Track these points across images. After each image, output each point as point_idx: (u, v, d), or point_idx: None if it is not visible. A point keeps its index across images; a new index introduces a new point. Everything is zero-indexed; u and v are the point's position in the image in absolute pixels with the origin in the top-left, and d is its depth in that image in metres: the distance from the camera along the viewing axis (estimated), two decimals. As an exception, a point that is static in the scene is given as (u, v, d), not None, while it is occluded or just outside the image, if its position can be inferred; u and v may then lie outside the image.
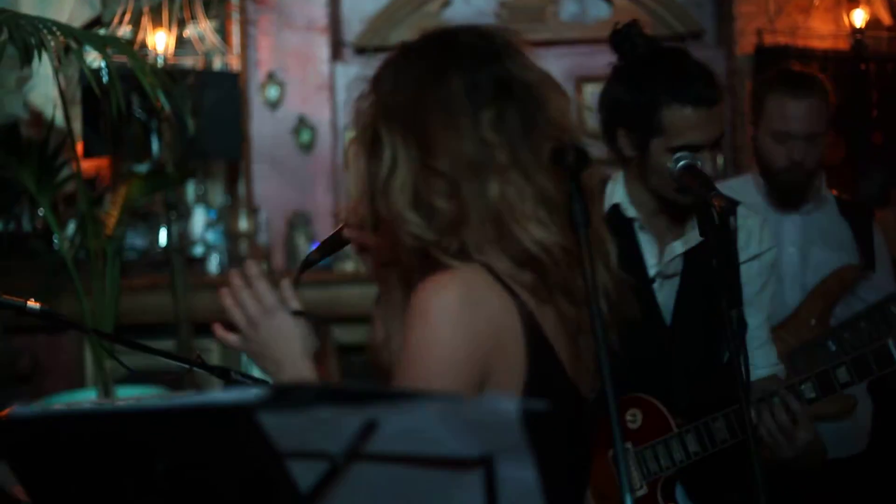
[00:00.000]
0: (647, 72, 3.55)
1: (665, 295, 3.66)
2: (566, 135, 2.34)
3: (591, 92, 8.09)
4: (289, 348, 2.41)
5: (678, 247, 3.61)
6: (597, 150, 2.61)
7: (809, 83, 4.47)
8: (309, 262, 2.78)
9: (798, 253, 4.52)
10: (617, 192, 3.69)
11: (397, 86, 2.39)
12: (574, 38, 8.12)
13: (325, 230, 2.63)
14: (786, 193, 4.49)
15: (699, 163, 3.37)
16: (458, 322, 2.27)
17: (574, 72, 8.08)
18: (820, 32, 7.39)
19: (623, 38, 3.63)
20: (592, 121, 7.99)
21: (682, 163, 3.36)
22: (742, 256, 3.64)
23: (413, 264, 2.39)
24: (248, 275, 2.45)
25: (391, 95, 2.39)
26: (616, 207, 3.67)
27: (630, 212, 3.64)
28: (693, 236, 3.58)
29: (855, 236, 4.54)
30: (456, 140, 2.32)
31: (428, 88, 2.37)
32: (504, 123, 2.35)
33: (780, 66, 4.86)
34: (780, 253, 4.35)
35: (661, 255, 3.64)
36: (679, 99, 3.45)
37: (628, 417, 3.59)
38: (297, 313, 2.42)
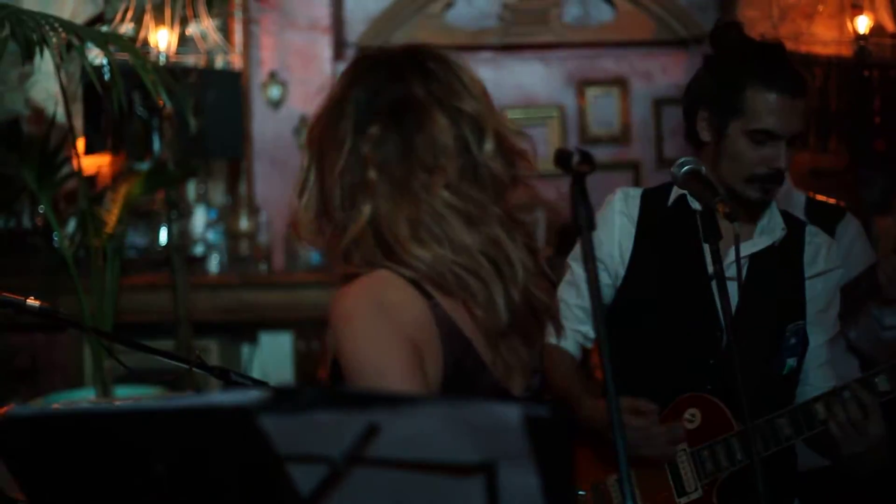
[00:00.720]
0: (737, 56, 3.56)
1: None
2: (448, 161, 2.38)
3: (594, 95, 8.09)
4: None
5: (744, 249, 3.46)
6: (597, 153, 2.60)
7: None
8: None
9: None
10: None
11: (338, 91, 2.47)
12: (577, 41, 8.12)
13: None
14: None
15: (703, 169, 3.33)
16: (378, 318, 2.31)
17: (576, 75, 8.08)
18: (823, 39, 7.38)
19: (723, 33, 3.64)
20: (594, 125, 8.12)
21: (686, 168, 3.30)
22: (808, 272, 3.62)
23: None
24: None
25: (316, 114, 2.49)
26: (683, 198, 3.60)
27: (696, 204, 3.53)
28: (761, 241, 3.55)
29: None
30: (337, 158, 2.40)
31: (331, 107, 2.45)
32: (384, 144, 2.38)
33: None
34: None
35: (724, 254, 3.56)
36: (764, 82, 3.45)
37: (687, 417, 3.50)
38: None
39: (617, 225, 3.64)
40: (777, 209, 3.63)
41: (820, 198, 4.65)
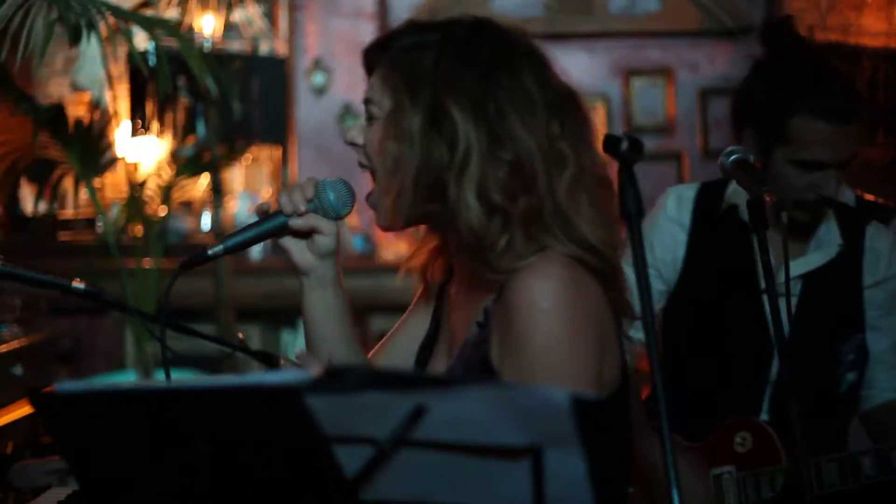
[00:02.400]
0: (787, 73, 3.38)
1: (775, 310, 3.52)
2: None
3: (639, 85, 8.06)
4: None
5: (796, 268, 3.41)
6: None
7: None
8: (207, 257, 2.54)
9: None
10: (738, 193, 3.47)
11: (463, 65, 2.34)
12: (622, 30, 8.10)
13: (369, 219, 2.54)
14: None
15: (751, 158, 3.23)
16: (578, 311, 2.25)
17: (621, 65, 8.06)
18: (872, 30, 7.32)
19: (773, 31, 3.48)
20: (639, 115, 8.08)
21: (733, 157, 3.19)
22: (868, 280, 3.52)
23: (463, 256, 2.37)
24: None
25: (456, 72, 2.33)
26: (734, 209, 3.51)
27: (746, 216, 3.37)
28: (815, 258, 3.46)
29: None
30: (529, 133, 2.30)
31: (502, 77, 2.33)
32: (566, 128, 2.35)
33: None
34: None
35: (777, 268, 3.49)
36: (813, 111, 3.27)
37: (737, 440, 3.41)
38: None
39: (668, 233, 3.57)
40: (834, 219, 3.53)
41: (869, 197, 4.59)
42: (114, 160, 6.48)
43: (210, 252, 2.50)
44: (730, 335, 3.52)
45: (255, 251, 7.80)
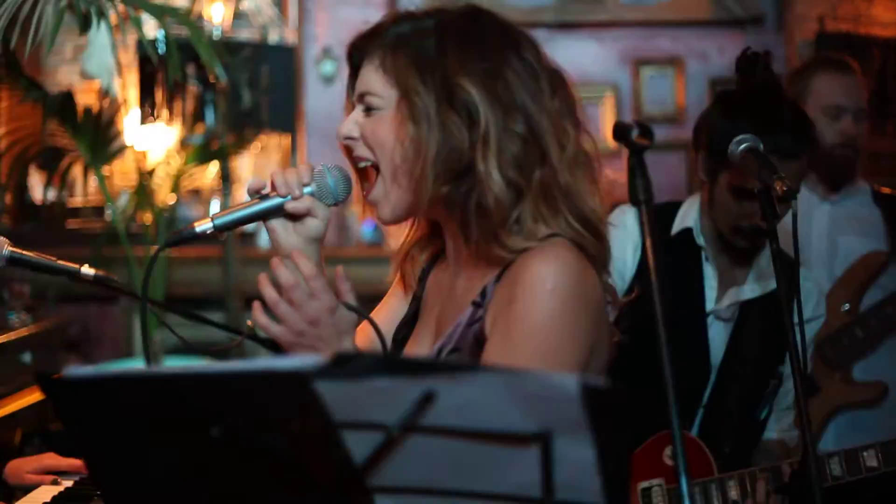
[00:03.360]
0: (742, 105, 3.47)
1: (715, 334, 3.59)
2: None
3: (649, 75, 8.04)
4: (341, 344, 2.36)
5: (740, 293, 3.55)
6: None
7: (849, 64, 4.50)
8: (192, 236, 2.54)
9: (826, 241, 4.47)
10: (690, 216, 3.63)
11: (468, 45, 2.37)
12: (633, 20, 8.09)
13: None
14: (836, 174, 4.43)
15: (762, 146, 3.26)
16: (579, 297, 2.29)
17: (631, 54, 8.05)
18: (882, 20, 7.31)
19: (748, 63, 3.54)
20: (649, 104, 8.07)
21: (744, 145, 3.22)
22: (796, 317, 3.58)
23: (476, 232, 2.38)
24: (304, 273, 2.36)
25: (463, 52, 2.36)
26: (687, 232, 3.62)
27: (700, 239, 3.59)
28: (756, 287, 3.55)
29: (886, 224, 4.48)
30: (539, 107, 2.35)
31: (509, 54, 2.37)
32: (565, 105, 2.41)
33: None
34: (809, 241, 4.32)
35: (721, 294, 3.58)
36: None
37: (667, 452, 3.45)
38: (351, 308, 2.36)
39: (620, 248, 3.58)
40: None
41: (885, 190, 4.60)
42: (123, 148, 6.49)
43: (198, 230, 2.49)
44: (671, 354, 3.54)
45: (264, 239, 7.80)
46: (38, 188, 7.73)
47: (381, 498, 1.80)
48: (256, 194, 2.50)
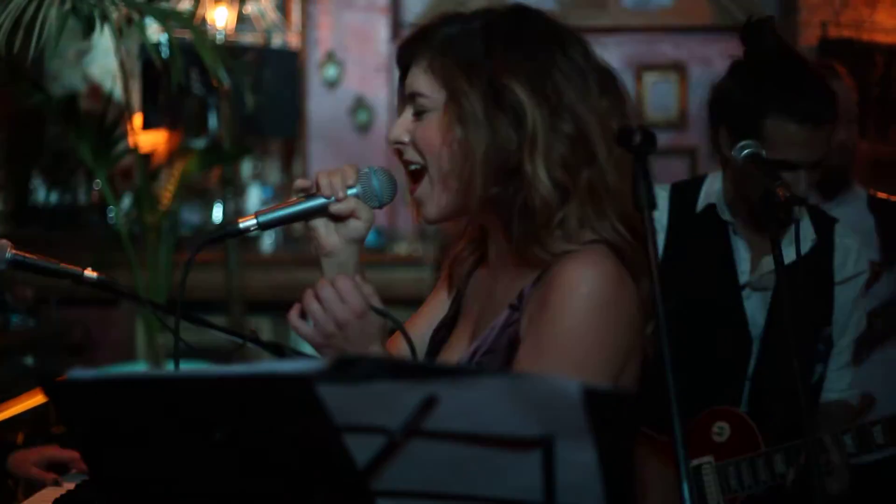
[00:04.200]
0: (762, 75, 3.40)
1: (753, 306, 3.56)
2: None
3: (652, 81, 8.05)
4: (371, 347, 2.35)
5: (771, 263, 3.39)
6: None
7: (837, 70, 4.35)
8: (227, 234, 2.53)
9: None
10: (713, 193, 3.58)
11: (515, 45, 2.38)
12: (635, 25, 8.10)
13: (382, 213, 2.55)
14: (829, 181, 4.37)
15: (764, 153, 3.25)
16: (614, 305, 2.29)
17: (634, 60, 8.05)
18: (885, 26, 7.31)
19: (753, 31, 3.48)
20: (652, 110, 8.07)
21: (746, 151, 3.22)
22: (838, 276, 3.57)
23: (518, 233, 2.38)
24: (333, 280, 2.36)
25: (509, 52, 2.37)
26: (712, 208, 3.57)
27: (725, 214, 3.54)
28: (788, 252, 3.43)
29: (879, 232, 4.44)
30: (586, 107, 2.35)
31: (556, 54, 2.38)
32: (613, 104, 2.41)
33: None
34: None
35: (754, 265, 3.54)
36: (786, 111, 3.30)
37: (715, 430, 3.47)
38: (380, 312, 2.36)
39: None
40: (807, 215, 3.57)
41: (881, 195, 4.59)
42: (126, 151, 6.49)
43: (241, 226, 2.49)
44: (708, 332, 3.54)
45: (266, 244, 7.82)
46: (41, 191, 7.74)
47: (383, 501, 1.80)
48: (302, 193, 2.50)
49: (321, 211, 2.48)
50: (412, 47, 2.48)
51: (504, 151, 2.33)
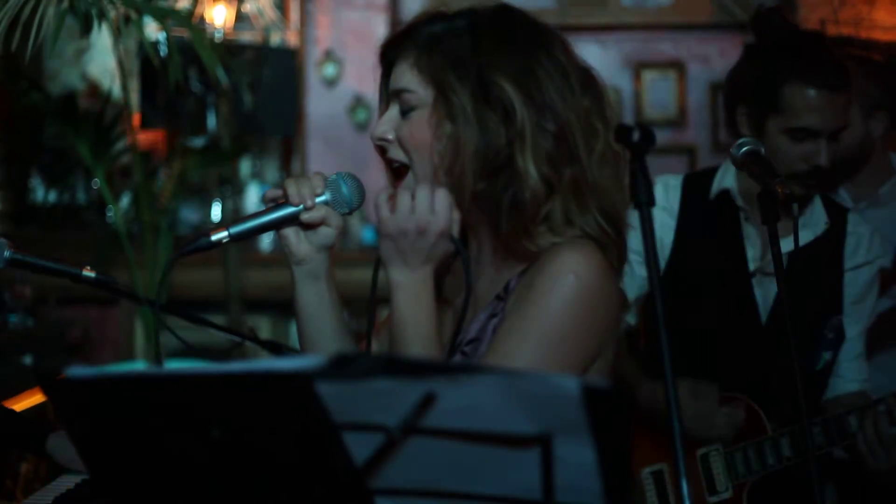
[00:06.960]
0: (778, 50, 3.50)
1: (763, 292, 3.57)
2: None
3: (650, 78, 8.05)
4: (424, 267, 2.37)
5: (783, 245, 3.44)
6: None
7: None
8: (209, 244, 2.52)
9: None
10: (728, 178, 3.63)
11: (501, 43, 2.40)
12: (634, 23, 8.09)
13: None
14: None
15: (762, 150, 3.28)
16: (598, 294, 2.33)
17: (633, 57, 8.05)
18: (884, 24, 7.30)
19: (763, 20, 3.59)
20: (650, 108, 8.07)
21: (745, 148, 3.25)
22: (849, 264, 3.59)
23: (506, 227, 2.40)
24: (434, 188, 2.35)
25: (496, 50, 2.39)
26: (726, 193, 3.61)
27: (739, 200, 3.57)
28: (802, 236, 3.47)
29: None
30: (568, 105, 2.38)
31: (540, 54, 2.41)
32: (594, 103, 2.44)
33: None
34: None
35: (764, 251, 3.56)
36: (803, 78, 3.40)
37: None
38: (454, 242, 2.36)
39: (657, 221, 3.59)
40: (820, 200, 3.59)
41: None
42: (124, 150, 6.49)
43: (213, 238, 2.50)
44: (718, 317, 3.57)
45: (265, 243, 7.81)
46: (39, 190, 7.73)
47: (382, 499, 1.80)
48: (271, 203, 2.50)
49: (292, 220, 2.49)
50: (396, 44, 2.49)
51: (494, 147, 2.36)
